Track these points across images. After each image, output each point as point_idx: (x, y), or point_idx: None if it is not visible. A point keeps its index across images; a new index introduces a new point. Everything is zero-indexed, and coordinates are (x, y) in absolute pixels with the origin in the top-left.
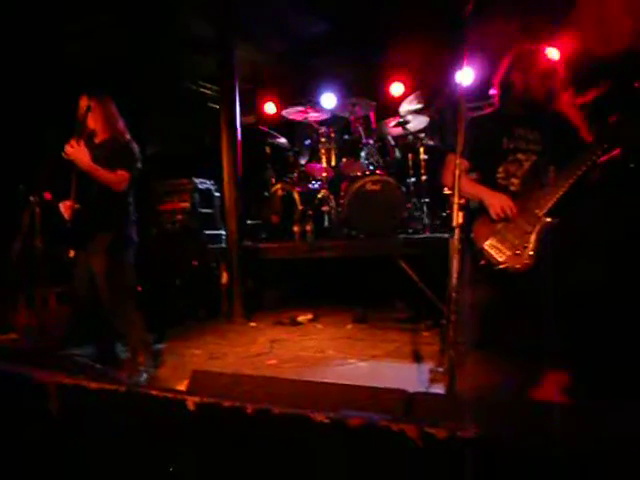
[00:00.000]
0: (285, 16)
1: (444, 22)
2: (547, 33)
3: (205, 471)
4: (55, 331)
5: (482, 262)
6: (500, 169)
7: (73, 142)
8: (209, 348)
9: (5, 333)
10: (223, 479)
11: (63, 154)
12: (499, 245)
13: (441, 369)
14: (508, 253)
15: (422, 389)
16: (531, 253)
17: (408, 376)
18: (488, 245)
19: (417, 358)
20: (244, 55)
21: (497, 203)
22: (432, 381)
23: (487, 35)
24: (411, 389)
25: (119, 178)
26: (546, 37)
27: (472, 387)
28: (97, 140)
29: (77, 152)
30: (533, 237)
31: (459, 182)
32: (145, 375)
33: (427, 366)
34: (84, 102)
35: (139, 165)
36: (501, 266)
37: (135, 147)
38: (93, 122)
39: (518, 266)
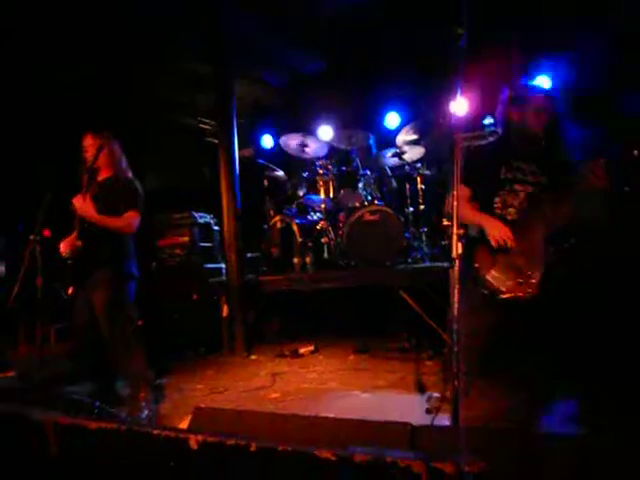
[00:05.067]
0: (282, 53)
1: (438, 54)
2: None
3: None
4: (55, 368)
5: (485, 292)
6: (497, 199)
7: (80, 197)
8: (211, 382)
9: (3, 371)
10: None
11: (73, 202)
12: (501, 275)
13: (438, 395)
14: (511, 282)
15: (427, 420)
16: (534, 281)
17: (412, 407)
18: (491, 275)
19: (421, 388)
20: (242, 90)
21: (497, 233)
22: (430, 410)
23: (481, 65)
24: (416, 420)
25: (129, 221)
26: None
27: (476, 417)
28: (100, 178)
29: (84, 207)
30: (535, 266)
31: (458, 211)
32: (146, 412)
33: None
34: (89, 141)
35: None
36: (504, 295)
37: (138, 185)
38: (98, 160)
39: (521, 295)
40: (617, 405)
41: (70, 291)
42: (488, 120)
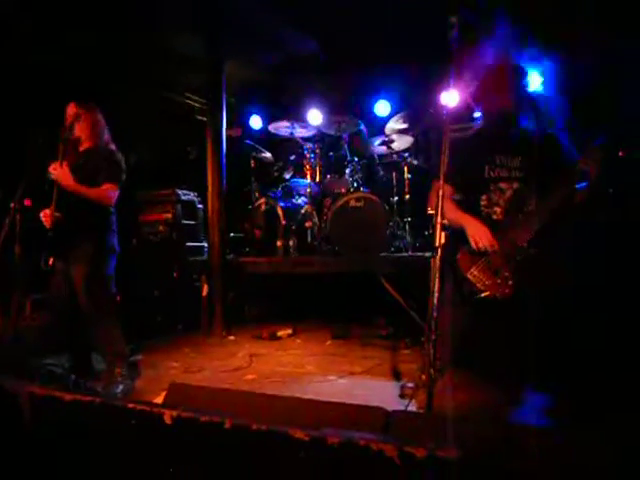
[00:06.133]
0: (275, 33)
1: (431, 44)
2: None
3: None
4: (30, 339)
5: (466, 290)
6: (483, 197)
7: (57, 165)
8: (187, 361)
9: None
10: None
11: (49, 170)
12: (481, 275)
13: (411, 384)
14: (489, 282)
15: (401, 407)
16: (511, 282)
17: (387, 393)
18: (471, 274)
19: (396, 375)
20: (232, 69)
21: (478, 237)
22: (402, 396)
23: (473, 57)
24: (390, 406)
25: (107, 193)
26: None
27: (450, 405)
28: (81, 148)
29: (61, 175)
30: (513, 267)
31: (443, 203)
32: (121, 387)
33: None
34: (71, 110)
35: (124, 176)
36: (483, 295)
37: (120, 158)
38: (79, 130)
39: (499, 295)
40: (589, 400)
41: (50, 262)
42: (478, 113)
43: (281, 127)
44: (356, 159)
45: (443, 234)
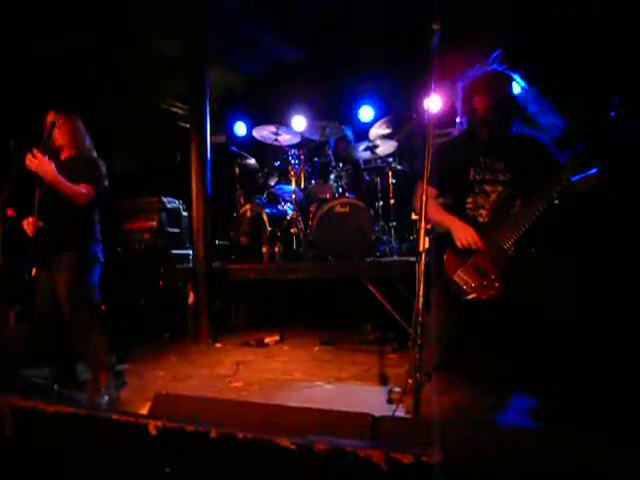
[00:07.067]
0: (259, 40)
1: (413, 50)
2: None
3: None
4: (14, 351)
5: (452, 292)
6: (469, 199)
7: (35, 152)
8: (174, 369)
9: None
10: None
11: (26, 163)
12: (467, 277)
13: (398, 389)
14: (475, 284)
15: (389, 412)
16: (497, 285)
17: (375, 399)
18: (457, 276)
19: (384, 380)
20: (216, 76)
21: (463, 236)
22: (390, 401)
23: (455, 62)
24: (378, 412)
25: (81, 192)
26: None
27: (436, 409)
28: (62, 157)
29: (40, 163)
30: (499, 269)
31: (426, 208)
32: (107, 397)
33: (394, 389)
34: (51, 118)
35: (105, 183)
36: (469, 297)
37: (102, 164)
38: (60, 138)
39: (484, 297)
40: (572, 402)
41: (34, 272)
42: (461, 118)
43: (265, 133)
44: (341, 164)
45: (427, 239)
